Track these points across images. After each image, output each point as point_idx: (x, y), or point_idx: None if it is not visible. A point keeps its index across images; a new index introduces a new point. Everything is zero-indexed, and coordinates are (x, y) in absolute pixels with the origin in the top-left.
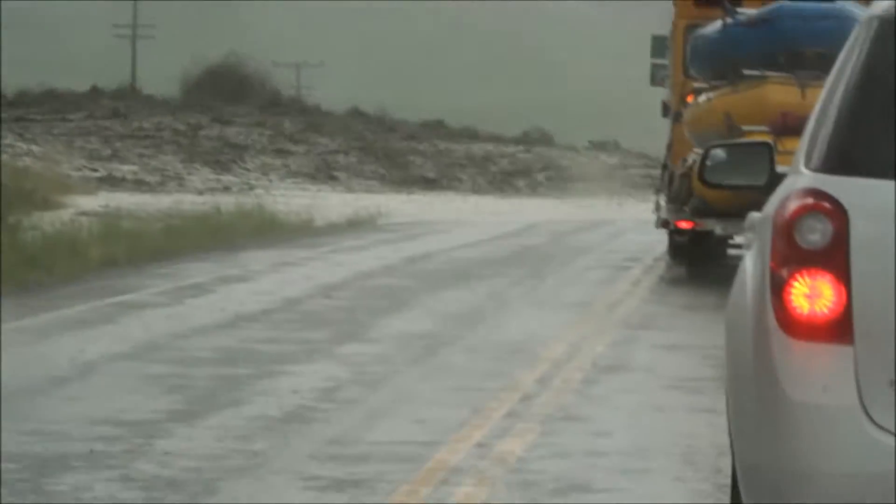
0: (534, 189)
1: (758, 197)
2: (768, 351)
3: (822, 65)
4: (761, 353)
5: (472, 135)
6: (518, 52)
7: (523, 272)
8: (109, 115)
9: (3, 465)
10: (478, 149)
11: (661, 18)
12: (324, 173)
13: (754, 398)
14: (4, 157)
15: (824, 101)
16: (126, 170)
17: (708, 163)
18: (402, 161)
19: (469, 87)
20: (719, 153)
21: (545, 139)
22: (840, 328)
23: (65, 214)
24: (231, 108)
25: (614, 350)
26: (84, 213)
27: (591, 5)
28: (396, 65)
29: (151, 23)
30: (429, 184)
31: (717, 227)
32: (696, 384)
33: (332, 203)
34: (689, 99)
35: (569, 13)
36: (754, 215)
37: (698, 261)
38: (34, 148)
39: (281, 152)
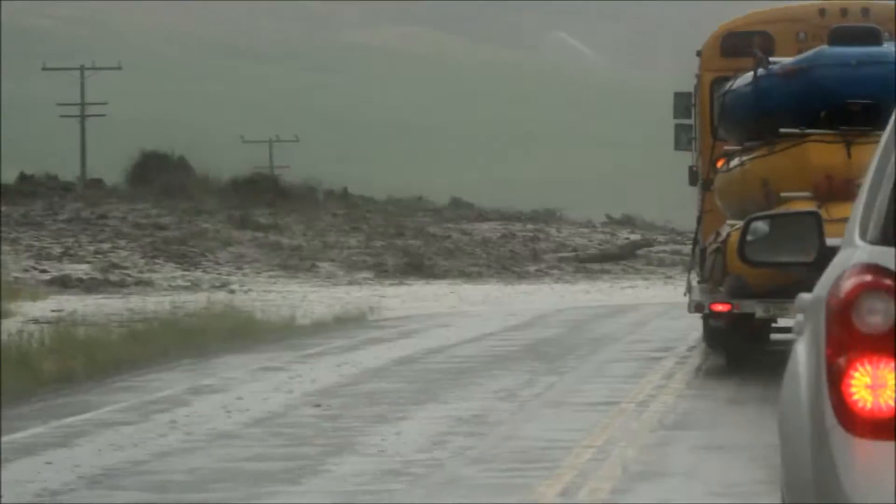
0: (545, 272)
1: (805, 274)
2: (828, 452)
3: (870, 118)
4: (820, 454)
5: (471, 214)
6: (518, 118)
7: (537, 369)
8: (58, 208)
9: None
10: (480, 229)
11: (684, 73)
12: (305, 263)
13: None
14: None
15: (879, 160)
16: (79, 269)
17: (748, 237)
18: (393, 246)
19: (464, 162)
20: (760, 226)
21: (556, 216)
22: None
23: (11, 324)
24: (195, 193)
25: (648, 454)
26: (34, 321)
27: (604, 61)
28: (376, 139)
29: (102, 99)
30: (424, 271)
31: (759, 309)
32: (746, 490)
33: (317, 298)
34: (720, 164)
35: (576, 72)
36: (804, 296)
37: (739, 348)
38: None
39: (255, 242)
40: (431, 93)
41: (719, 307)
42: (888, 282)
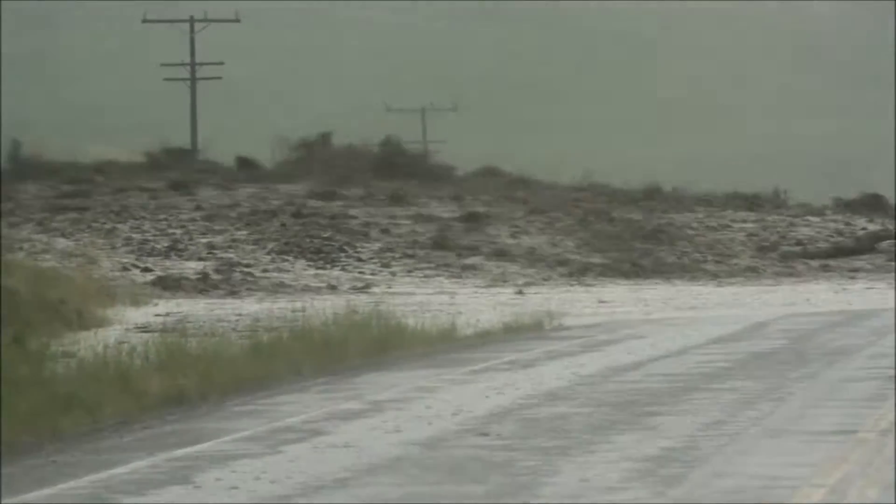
0: (762, 270)
1: None
2: None
3: None
4: None
5: (670, 199)
6: (724, 81)
7: (755, 389)
8: (164, 192)
9: None
10: (682, 218)
11: None
12: (469, 261)
13: None
14: (21, 255)
15: None
16: (191, 267)
17: None
18: (577, 240)
19: (654, 137)
20: None
21: (776, 200)
22: None
23: (109, 333)
24: (333, 175)
25: (893, 495)
26: (138, 329)
27: (831, 8)
28: (548, 110)
29: (216, 58)
30: (614, 269)
31: None
32: None
33: (483, 302)
34: None
35: (796, 21)
36: None
37: None
38: (61, 241)
39: (406, 235)
40: (610, 52)
41: None
42: None
